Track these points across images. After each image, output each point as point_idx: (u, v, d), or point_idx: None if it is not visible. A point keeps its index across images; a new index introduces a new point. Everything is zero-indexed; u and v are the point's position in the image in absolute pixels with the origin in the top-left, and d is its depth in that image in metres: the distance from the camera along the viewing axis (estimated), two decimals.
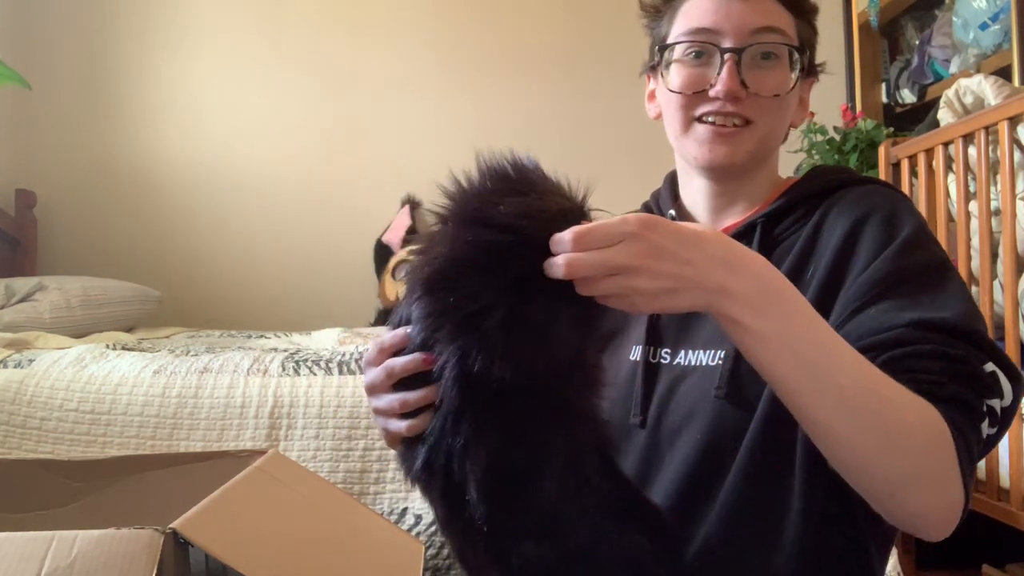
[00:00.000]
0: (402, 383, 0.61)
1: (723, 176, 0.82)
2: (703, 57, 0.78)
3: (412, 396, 0.60)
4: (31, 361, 1.58)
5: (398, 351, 0.62)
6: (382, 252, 2.91)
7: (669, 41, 0.80)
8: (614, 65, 2.65)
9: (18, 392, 1.49)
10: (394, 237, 2.90)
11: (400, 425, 0.61)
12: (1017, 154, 1.51)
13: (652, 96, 0.87)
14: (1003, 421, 0.65)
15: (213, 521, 0.76)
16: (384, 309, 2.84)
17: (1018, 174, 1.51)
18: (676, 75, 0.80)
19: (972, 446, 0.62)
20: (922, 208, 1.75)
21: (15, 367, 1.56)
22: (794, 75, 0.78)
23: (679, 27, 0.80)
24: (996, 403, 0.63)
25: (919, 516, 0.61)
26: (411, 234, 2.89)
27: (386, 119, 2.99)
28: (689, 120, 0.80)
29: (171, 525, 0.70)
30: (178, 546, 0.69)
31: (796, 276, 0.73)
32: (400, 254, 2.86)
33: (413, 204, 2.95)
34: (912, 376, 0.60)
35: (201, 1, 2.97)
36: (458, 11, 3.01)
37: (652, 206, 0.92)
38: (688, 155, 0.82)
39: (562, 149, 3.04)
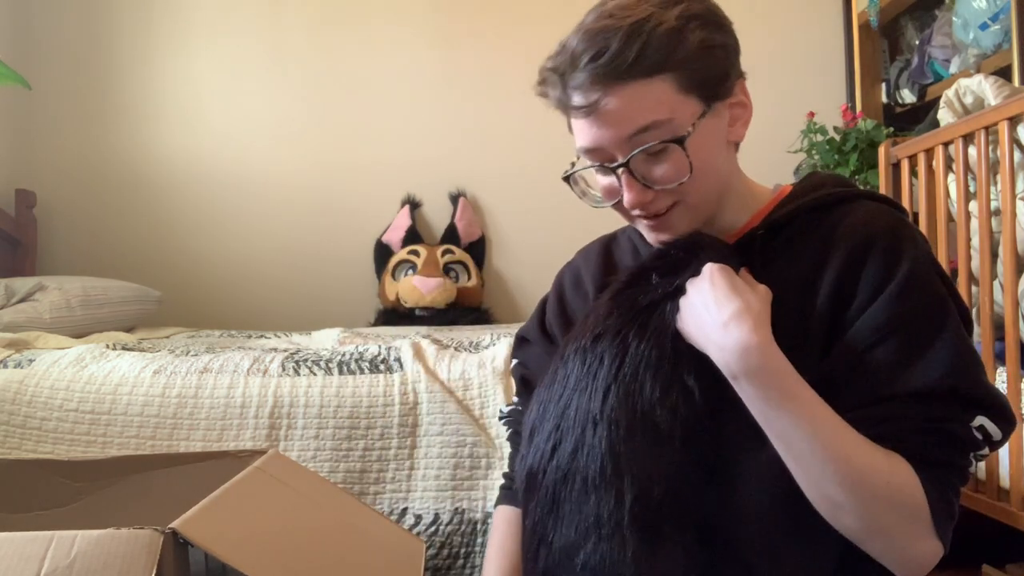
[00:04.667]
0: None
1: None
2: (606, 170, 0.78)
3: None
4: (31, 361, 1.58)
5: None
6: (382, 252, 2.91)
7: (576, 154, 0.81)
8: None
9: (18, 392, 1.49)
10: (394, 237, 2.90)
11: None
12: (1017, 154, 1.51)
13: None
14: (991, 451, 0.70)
15: (213, 521, 0.76)
16: (384, 309, 2.84)
17: (1018, 174, 1.51)
18: (598, 183, 0.81)
19: (952, 500, 0.68)
20: (922, 208, 1.75)
21: (15, 367, 1.56)
22: (689, 155, 0.73)
23: (576, 140, 0.79)
24: (986, 449, 0.69)
25: (892, 563, 0.68)
26: (411, 234, 2.90)
27: (386, 119, 2.99)
28: (630, 217, 0.82)
29: (171, 525, 0.70)
30: (178, 546, 0.70)
31: (794, 300, 0.74)
32: (400, 254, 2.86)
33: (413, 204, 2.95)
34: (899, 446, 0.67)
35: (201, 1, 2.97)
36: (458, 11, 3.01)
37: (631, 232, 0.91)
38: (650, 241, 0.84)
39: (563, 150, 3.03)
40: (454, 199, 2.95)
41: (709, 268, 0.73)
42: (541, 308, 0.98)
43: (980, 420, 0.68)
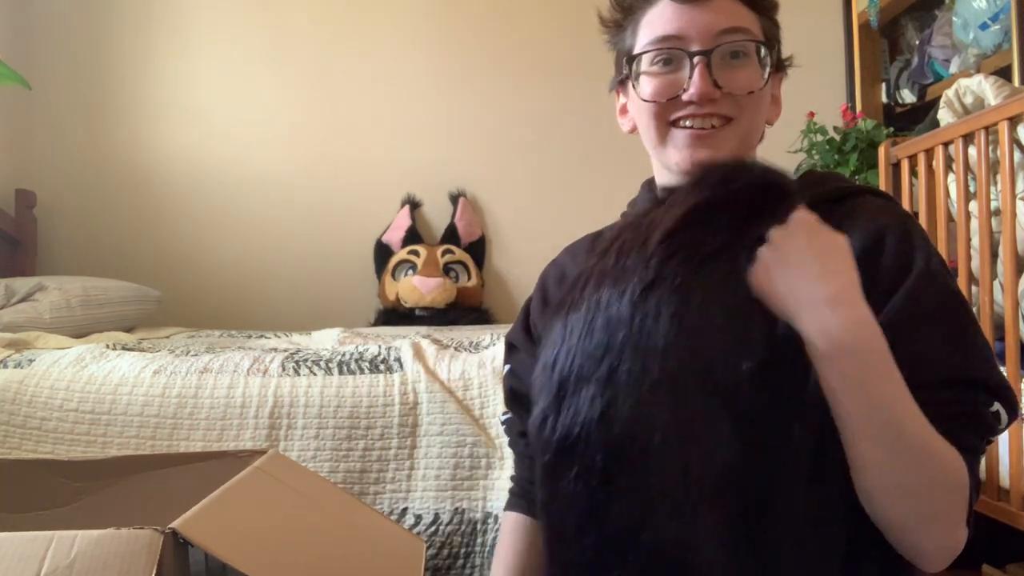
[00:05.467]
0: None
1: None
2: (672, 64, 0.78)
3: None
4: (31, 361, 1.58)
5: None
6: (382, 252, 2.91)
7: (636, 52, 0.81)
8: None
9: (18, 392, 1.49)
10: (394, 237, 2.90)
11: None
12: (1017, 154, 1.51)
13: (624, 111, 0.87)
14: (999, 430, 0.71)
15: (213, 521, 0.76)
16: (384, 309, 2.84)
17: (1018, 174, 1.51)
18: (647, 85, 0.80)
19: (976, 486, 0.68)
20: (922, 208, 1.75)
21: (15, 367, 1.56)
22: (765, 71, 0.79)
23: (644, 37, 0.80)
24: (999, 429, 0.69)
25: (926, 552, 0.66)
26: (411, 234, 2.90)
27: (386, 119, 2.99)
28: (666, 127, 0.80)
29: (171, 525, 0.70)
30: (178, 546, 0.70)
31: None
32: (400, 254, 2.86)
33: (413, 204, 2.95)
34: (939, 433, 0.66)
35: (201, 1, 2.97)
36: (458, 11, 3.01)
37: (631, 215, 0.91)
38: (669, 162, 0.81)
39: (563, 149, 3.04)
40: (454, 199, 2.95)
41: (802, 221, 0.65)
42: (525, 309, 0.96)
43: (996, 406, 0.68)
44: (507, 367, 0.95)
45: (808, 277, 0.62)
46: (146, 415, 1.46)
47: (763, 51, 0.78)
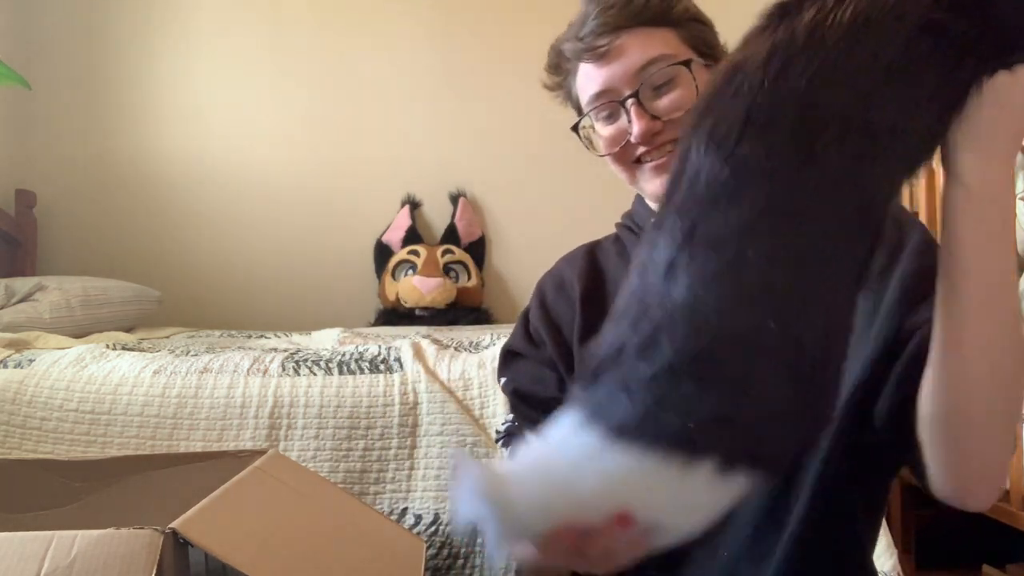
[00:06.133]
0: None
1: None
2: (613, 115, 0.83)
3: None
4: (31, 361, 1.58)
5: None
6: (382, 252, 2.91)
7: (580, 115, 0.87)
8: None
9: (18, 392, 1.49)
10: (394, 237, 2.90)
11: None
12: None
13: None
14: None
15: (213, 521, 0.76)
16: (384, 309, 2.84)
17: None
18: (599, 141, 0.85)
19: None
20: (922, 208, 1.75)
21: (15, 367, 1.56)
22: (699, 80, 0.80)
23: (582, 96, 0.86)
24: None
25: (989, 475, 0.61)
26: (411, 234, 2.90)
27: (386, 119, 2.99)
28: (631, 167, 0.84)
29: (171, 525, 0.70)
30: (178, 546, 0.70)
31: None
32: (400, 254, 2.86)
33: (413, 204, 2.95)
34: None
35: (202, 1, 2.97)
36: (458, 11, 3.01)
37: (631, 227, 0.91)
38: (648, 194, 0.86)
39: (564, 149, 3.03)
40: (454, 199, 2.95)
41: None
42: (524, 319, 0.95)
43: None
44: (504, 379, 0.94)
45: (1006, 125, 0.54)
46: (146, 415, 1.46)
47: (689, 65, 0.80)
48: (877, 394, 0.66)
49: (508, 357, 0.95)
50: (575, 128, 0.88)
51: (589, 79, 0.83)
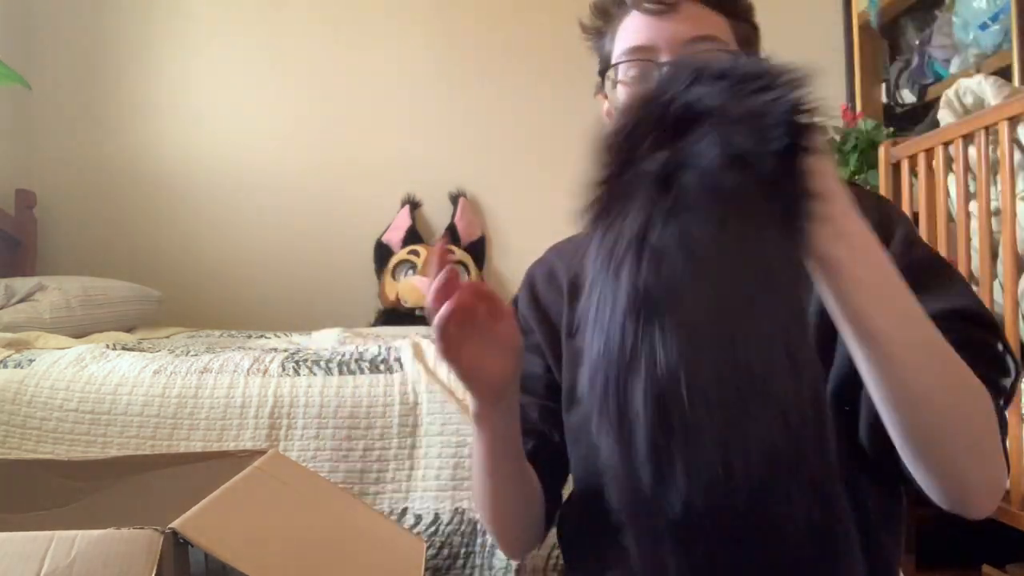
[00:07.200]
0: None
1: None
2: (640, 78, 0.79)
3: None
4: (31, 361, 1.58)
5: None
6: (382, 252, 2.91)
7: (612, 62, 0.82)
8: None
9: (18, 392, 1.49)
10: (394, 237, 2.90)
11: None
12: (1017, 154, 1.51)
13: (609, 113, 0.88)
14: (1007, 399, 0.67)
15: (213, 521, 0.76)
16: (384, 309, 2.84)
17: (1018, 174, 1.51)
18: (622, 95, 0.81)
19: (1003, 422, 0.64)
20: (922, 208, 1.75)
21: (15, 367, 1.56)
22: None
23: (619, 47, 0.81)
24: (1008, 381, 0.66)
25: (974, 488, 0.61)
26: (411, 234, 2.90)
27: (386, 119, 2.99)
28: None
29: (171, 525, 0.70)
30: (178, 546, 0.70)
31: None
32: (400, 254, 2.86)
33: (413, 204, 2.95)
34: None
35: (201, 1, 2.97)
36: (458, 11, 3.01)
37: None
38: None
39: (564, 149, 3.03)
40: (454, 199, 2.95)
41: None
42: (512, 307, 0.94)
43: (1001, 347, 0.67)
44: None
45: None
46: (146, 415, 1.46)
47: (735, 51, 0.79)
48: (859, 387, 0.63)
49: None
50: (602, 72, 0.83)
51: (635, 30, 0.79)
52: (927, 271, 0.69)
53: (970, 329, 0.65)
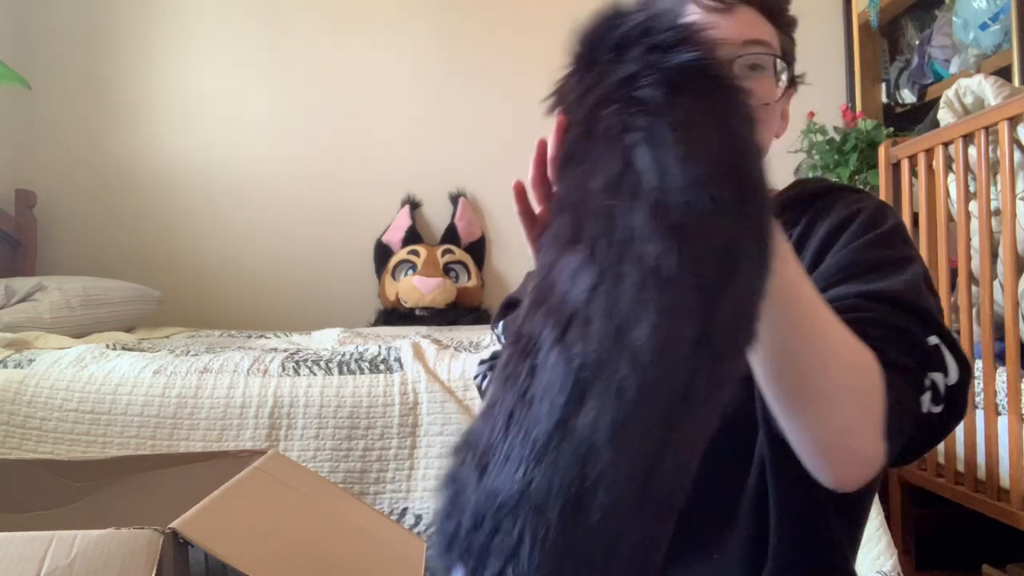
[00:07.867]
0: None
1: None
2: None
3: None
4: (31, 361, 1.58)
5: None
6: (382, 252, 2.91)
7: None
8: None
9: (18, 392, 1.49)
10: (394, 237, 2.90)
11: None
12: (1017, 154, 1.51)
13: None
14: (950, 401, 0.65)
15: (213, 521, 0.76)
16: (384, 309, 2.85)
17: (1018, 174, 1.51)
18: None
19: (905, 411, 0.61)
20: (922, 208, 1.75)
21: (15, 367, 1.56)
22: (780, 85, 0.80)
23: None
24: (939, 378, 0.64)
25: (831, 457, 0.60)
26: (411, 234, 2.90)
27: (386, 119, 2.99)
28: None
29: (171, 525, 0.70)
30: (178, 546, 0.70)
31: None
32: (400, 254, 2.86)
33: (413, 204, 2.95)
34: (860, 338, 0.61)
35: (201, 1, 2.97)
36: (458, 11, 3.01)
37: None
38: None
39: None
40: (454, 199, 2.95)
41: None
42: (528, 277, 0.92)
43: (936, 340, 0.65)
44: (502, 323, 0.94)
45: None
46: (146, 415, 1.46)
47: (780, 65, 0.80)
48: None
49: (508, 306, 0.95)
50: None
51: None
52: (879, 267, 0.69)
53: (897, 315, 0.64)
